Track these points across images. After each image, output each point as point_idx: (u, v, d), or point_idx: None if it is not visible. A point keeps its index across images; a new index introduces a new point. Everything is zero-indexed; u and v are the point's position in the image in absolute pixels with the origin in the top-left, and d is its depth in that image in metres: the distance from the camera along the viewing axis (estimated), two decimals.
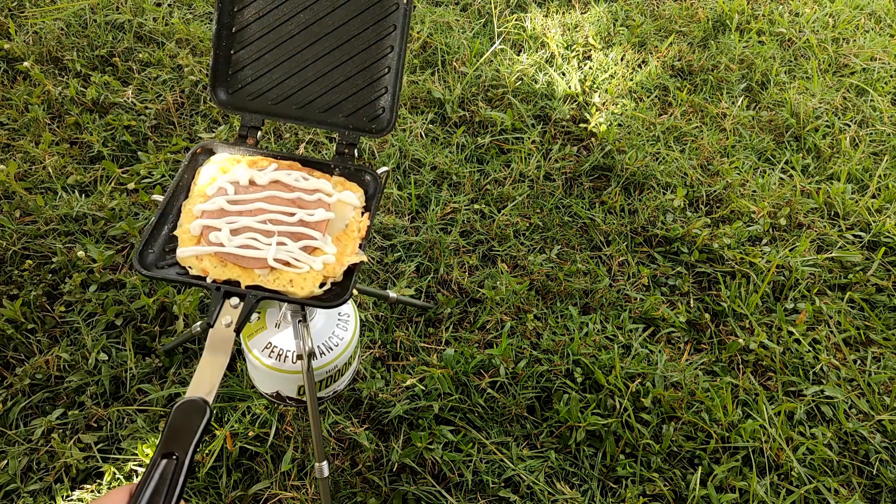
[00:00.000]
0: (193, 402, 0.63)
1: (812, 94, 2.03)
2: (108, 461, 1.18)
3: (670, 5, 2.30)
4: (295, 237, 0.81)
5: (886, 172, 1.82)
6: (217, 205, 0.82)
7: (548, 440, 1.28)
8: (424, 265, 1.52)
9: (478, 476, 1.22)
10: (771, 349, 1.43)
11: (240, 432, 1.22)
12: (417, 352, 1.37)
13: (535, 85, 1.95)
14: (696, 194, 1.73)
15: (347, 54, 0.92)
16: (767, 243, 1.64)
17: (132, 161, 1.65)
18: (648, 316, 1.47)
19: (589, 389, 1.34)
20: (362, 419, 1.27)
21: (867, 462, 1.29)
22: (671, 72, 2.07)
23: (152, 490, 0.54)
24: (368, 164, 1.32)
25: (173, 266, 0.79)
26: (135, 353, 1.31)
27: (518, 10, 2.21)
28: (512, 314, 1.45)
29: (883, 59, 2.18)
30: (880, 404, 1.36)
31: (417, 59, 1.99)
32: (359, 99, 0.93)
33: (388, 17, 0.91)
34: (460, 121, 1.84)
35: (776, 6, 2.36)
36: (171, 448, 0.58)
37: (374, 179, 0.91)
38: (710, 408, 1.31)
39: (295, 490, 1.18)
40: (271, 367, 0.97)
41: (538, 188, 1.70)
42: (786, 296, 1.54)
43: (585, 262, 1.55)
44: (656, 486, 1.22)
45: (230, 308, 0.74)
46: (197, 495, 1.16)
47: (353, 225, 0.85)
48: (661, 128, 1.88)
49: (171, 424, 0.61)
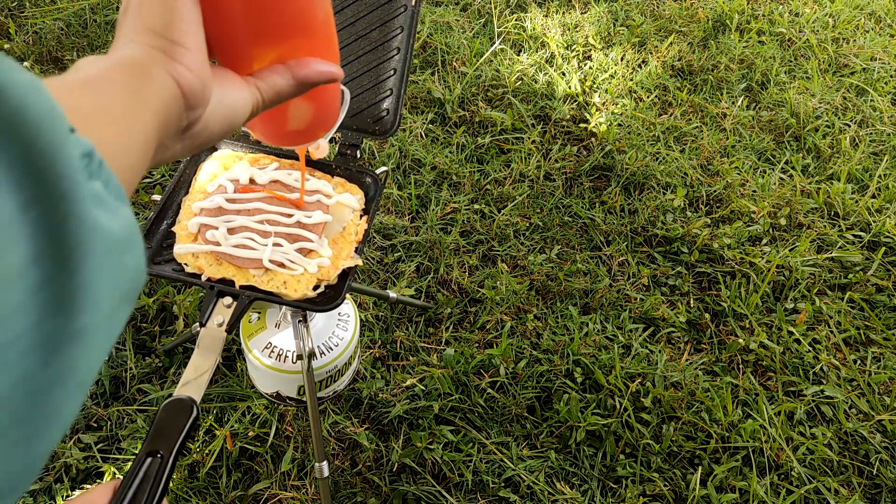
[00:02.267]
0: (181, 400, 0.63)
1: (812, 94, 2.03)
2: (108, 461, 1.18)
3: (670, 5, 2.30)
4: (291, 238, 0.81)
5: (886, 172, 1.82)
6: (215, 203, 0.82)
7: (548, 440, 1.28)
8: (424, 265, 1.52)
9: (478, 476, 1.22)
10: (771, 349, 1.43)
11: (240, 432, 1.22)
12: (417, 352, 1.37)
13: (535, 85, 1.95)
14: (696, 194, 1.73)
15: (353, 55, 0.92)
16: (767, 243, 1.64)
17: None
18: (648, 316, 1.47)
19: (589, 389, 1.34)
20: (362, 419, 1.27)
21: (867, 462, 1.29)
22: (671, 72, 2.07)
23: (136, 487, 0.54)
24: (369, 166, 1.32)
25: (170, 262, 0.80)
26: (135, 353, 1.31)
27: (518, 10, 2.21)
28: (512, 314, 1.45)
29: (883, 59, 2.18)
30: (880, 404, 1.36)
31: (417, 58, 1.99)
32: (363, 100, 0.93)
33: (396, 18, 0.91)
34: (460, 121, 1.84)
35: (776, 6, 2.36)
36: (156, 446, 0.58)
37: (375, 182, 0.91)
38: (710, 408, 1.31)
39: (295, 490, 1.18)
40: (271, 367, 0.97)
41: (538, 188, 1.70)
42: (786, 296, 1.54)
43: (585, 262, 1.55)
44: (656, 486, 1.22)
45: (223, 307, 0.74)
46: (197, 495, 1.16)
47: (351, 228, 0.85)
48: (661, 128, 1.88)
49: (157, 423, 0.61)
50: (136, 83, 0.33)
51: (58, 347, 0.23)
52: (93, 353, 0.25)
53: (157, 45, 0.35)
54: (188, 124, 0.37)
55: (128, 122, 0.31)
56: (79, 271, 0.23)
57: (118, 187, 0.27)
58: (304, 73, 0.43)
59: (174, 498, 1.16)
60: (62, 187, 0.23)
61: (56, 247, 0.22)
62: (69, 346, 0.23)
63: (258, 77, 0.42)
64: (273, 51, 0.42)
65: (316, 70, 0.43)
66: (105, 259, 0.25)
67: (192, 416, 0.62)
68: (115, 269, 0.26)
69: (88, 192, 0.24)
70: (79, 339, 0.24)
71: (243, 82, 0.41)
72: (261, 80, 0.41)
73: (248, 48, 0.42)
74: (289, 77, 0.42)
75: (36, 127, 0.22)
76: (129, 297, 0.27)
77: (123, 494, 0.53)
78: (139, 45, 0.34)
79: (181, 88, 0.35)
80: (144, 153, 0.33)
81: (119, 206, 0.27)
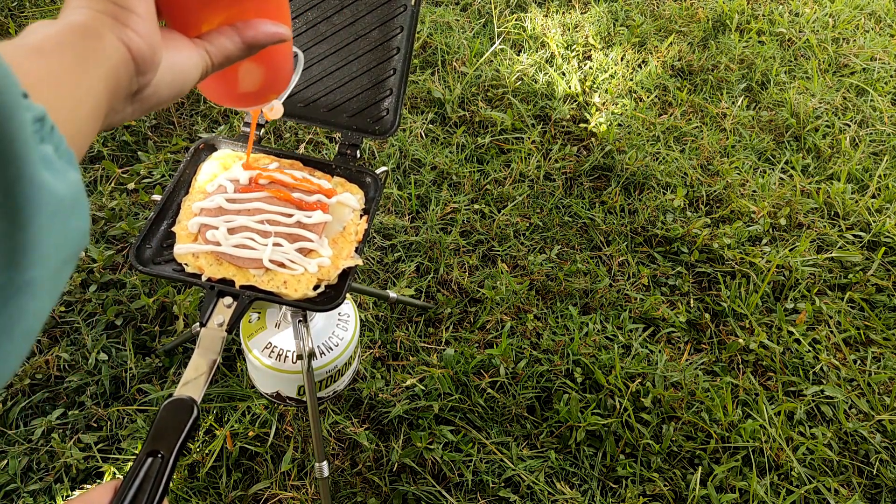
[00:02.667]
0: (181, 400, 0.63)
1: (812, 94, 2.03)
2: (108, 461, 1.18)
3: (670, 5, 2.30)
4: (291, 238, 0.81)
5: (886, 172, 1.82)
6: (215, 203, 0.82)
7: (548, 440, 1.28)
8: (424, 265, 1.52)
9: (478, 476, 1.22)
10: (771, 349, 1.43)
11: (240, 432, 1.22)
12: (417, 352, 1.37)
13: (535, 85, 1.95)
14: (696, 194, 1.73)
15: (354, 54, 0.92)
16: (767, 243, 1.64)
17: (132, 161, 1.65)
18: (648, 316, 1.47)
19: (589, 389, 1.34)
20: (362, 419, 1.27)
21: (867, 462, 1.29)
22: (671, 72, 2.07)
23: (136, 488, 0.54)
24: (369, 166, 1.32)
25: (170, 262, 0.80)
26: (135, 353, 1.31)
27: (518, 10, 2.21)
28: (512, 314, 1.45)
29: (883, 59, 2.18)
30: (880, 404, 1.36)
31: (417, 58, 1.99)
32: (363, 99, 0.93)
33: (396, 18, 0.91)
34: (460, 121, 1.84)
35: (776, 6, 2.36)
36: (156, 446, 0.58)
37: (375, 181, 0.90)
38: (710, 408, 1.31)
39: (295, 490, 1.18)
40: (271, 367, 0.97)
41: (538, 188, 1.70)
42: (786, 296, 1.54)
43: (585, 262, 1.55)
44: (656, 486, 1.22)
45: (223, 307, 0.74)
46: (197, 495, 1.16)
47: (351, 227, 0.85)
48: (661, 128, 1.88)
49: (157, 423, 0.61)
50: (86, 48, 0.33)
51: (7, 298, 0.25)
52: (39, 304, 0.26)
53: (107, 10, 0.35)
54: (138, 89, 0.37)
55: (78, 88, 0.32)
56: (27, 228, 0.25)
57: (68, 152, 0.28)
58: (251, 35, 0.43)
59: (174, 498, 1.16)
60: (14, 149, 0.24)
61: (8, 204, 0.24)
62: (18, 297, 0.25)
63: (207, 40, 0.42)
64: (222, 13, 0.43)
65: (264, 31, 0.44)
66: (53, 218, 0.26)
67: (192, 416, 0.62)
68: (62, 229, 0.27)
69: (39, 155, 0.25)
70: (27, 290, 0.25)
71: (192, 46, 0.41)
72: (209, 42, 0.42)
73: (196, 11, 0.42)
74: (237, 39, 0.43)
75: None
76: (73, 258, 0.29)
77: (124, 495, 0.53)
78: (89, 10, 0.35)
79: (131, 53, 0.35)
80: (95, 118, 0.34)
81: (68, 170, 0.28)
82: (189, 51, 0.41)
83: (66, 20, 0.34)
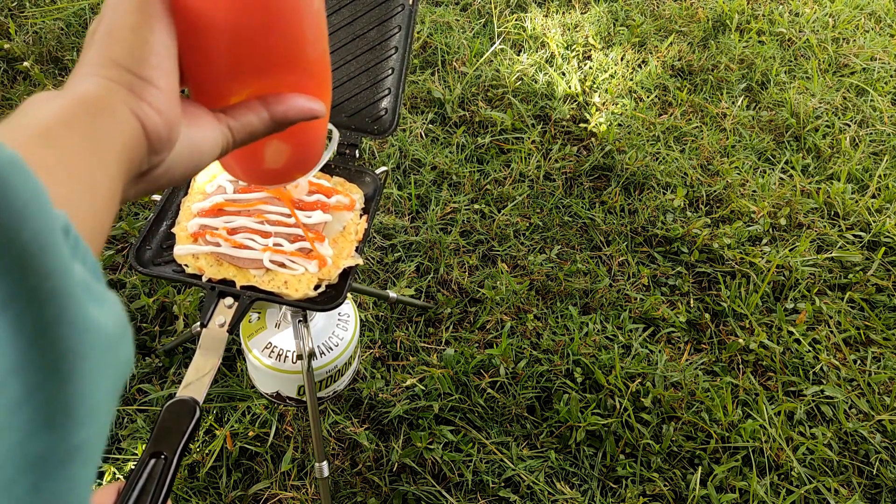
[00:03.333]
0: (183, 401, 0.63)
1: (812, 94, 2.03)
2: (108, 461, 1.18)
3: (670, 5, 2.30)
4: (292, 238, 0.81)
5: (886, 172, 1.82)
6: (215, 203, 0.82)
7: (548, 440, 1.28)
8: (424, 265, 1.52)
9: (478, 476, 1.22)
10: (771, 349, 1.43)
11: (240, 432, 1.22)
12: (417, 352, 1.37)
13: (535, 85, 1.95)
14: (696, 194, 1.73)
15: (351, 54, 0.92)
16: (767, 243, 1.64)
17: None
18: (648, 316, 1.47)
19: (589, 389, 1.34)
20: (362, 419, 1.27)
21: (867, 462, 1.29)
22: (671, 72, 2.07)
23: (140, 489, 0.54)
24: (369, 166, 1.32)
25: (170, 263, 0.80)
26: (134, 353, 1.31)
27: (518, 10, 2.21)
28: (512, 314, 1.45)
29: (883, 59, 2.18)
30: (880, 404, 1.36)
31: (417, 58, 1.99)
32: (361, 99, 0.93)
33: (393, 17, 0.91)
34: (460, 121, 1.84)
35: (776, 6, 2.36)
36: (159, 447, 0.58)
37: (374, 181, 0.91)
38: (710, 408, 1.31)
39: (295, 490, 1.18)
40: (271, 367, 0.97)
41: (538, 188, 1.70)
42: (786, 296, 1.54)
43: (585, 262, 1.55)
44: (656, 486, 1.22)
45: (224, 308, 0.74)
46: (197, 495, 1.16)
47: (351, 227, 0.85)
48: (661, 128, 1.88)
49: (160, 424, 0.61)
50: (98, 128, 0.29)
51: (51, 469, 0.20)
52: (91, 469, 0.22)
53: (123, 80, 0.31)
54: (148, 168, 0.33)
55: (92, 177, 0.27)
56: (72, 379, 0.20)
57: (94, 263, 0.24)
58: (281, 111, 0.38)
59: (174, 498, 1.16)
60: (50, 284, 0.19)
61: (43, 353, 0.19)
62: (65, 466, 0.20)
63: (230, 114, 0.37)
64: (253, 85, 0.38)
65: (296, 107, 0.38)
66: (102, 361, 0.21)
67: (194, 417, 0.62)
68: (113, 371, 0.22)
69: (78, 284, 0.21)
70: (76, 456, 0.20)
71: (214, 121, 0.36)
72: (233, 118, 0.37)
73: (226, 82, 0.37)
74: (264, 115, 0.37)
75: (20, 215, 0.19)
76: (119, 391, 0.24)
77: (128, 496, 0.53)
78: (100, 78, 0.31)
79: (146, 130, 0.31)
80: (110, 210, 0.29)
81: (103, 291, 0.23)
82: (209, 126, 0.36)
83: (75, 91, 0.30)
